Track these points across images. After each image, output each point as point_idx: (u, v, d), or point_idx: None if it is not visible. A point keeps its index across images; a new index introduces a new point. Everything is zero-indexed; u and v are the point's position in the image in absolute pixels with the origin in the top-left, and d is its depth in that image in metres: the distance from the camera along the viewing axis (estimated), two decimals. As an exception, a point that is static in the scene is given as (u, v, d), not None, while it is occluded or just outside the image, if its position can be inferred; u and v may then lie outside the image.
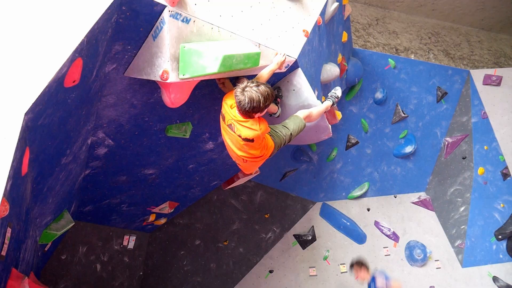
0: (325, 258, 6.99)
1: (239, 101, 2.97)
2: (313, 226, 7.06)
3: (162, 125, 3.76)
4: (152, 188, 4.87)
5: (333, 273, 6.98)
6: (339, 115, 5.64)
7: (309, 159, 6.84)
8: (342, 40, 5.66)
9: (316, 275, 6.88)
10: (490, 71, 7.74)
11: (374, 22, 9.06)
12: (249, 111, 2.99)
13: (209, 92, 3.61)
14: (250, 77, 3.60)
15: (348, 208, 7.34)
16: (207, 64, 2.75)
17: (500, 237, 7.84)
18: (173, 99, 3.00)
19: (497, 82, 7.67)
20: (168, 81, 2.76)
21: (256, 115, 3.07)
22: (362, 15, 8.83)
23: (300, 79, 3.75)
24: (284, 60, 3.46)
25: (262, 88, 2.99)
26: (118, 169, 4.24)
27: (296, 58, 3.62)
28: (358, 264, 5.46)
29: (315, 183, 7.05)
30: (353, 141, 7.05)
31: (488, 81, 7.65)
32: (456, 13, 9.67)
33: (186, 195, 5.59)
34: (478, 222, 7.69)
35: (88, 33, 2.21)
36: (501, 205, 7.86)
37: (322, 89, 4.76)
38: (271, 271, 6.67)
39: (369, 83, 6.89)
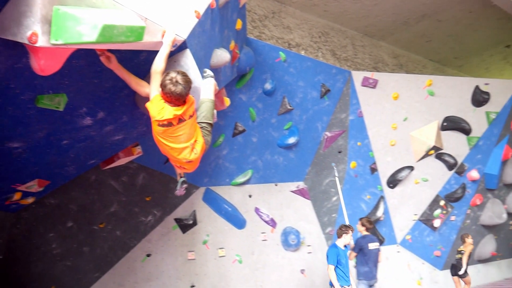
0: (205, 243, 7.05)
1: (179, 92, 3.22)
2: (195, 211, 7.05)
3: (32, 94, 3.39)
4: (17, 164, 4.40)
5: (211, 257, 7.07)
6: (227, 101, 5.69)
7: (196, 144, 6.80)
8: (236, 28, 5.68)
9: (195, 259, 6.91)
10: (368, 74, 8.43)
11: (271, 15, 9.27)
12: (187, 93, 3.31)
13: (88, 64, 3.35)
14: (135, 53, 3.44)
15: (231, 194, 7.47)
16: (85, 31, 2.53)
17: (364, 225, 8.65)
18: (43, 66, 2.72)
19: (373, 84, 8.38)
20: (37, 45, 2.49)
21: (187, 98, 3.36)
22: (260, 6, 8.97)
23: (188, 60, 3.67)
24: (174, 39, 3.38)
25: (180, 72, 3.28)
26: (-25, 139, 3.76)
27: (185, 38, 3.53)
28: None
29: (200, 168, 6.94)
30: (240, 128, 7.17)
31: (366, 83, 8.32)
32: (345, 17, 10.33)
33: (59, 173, 5.17)
34: (347, 211, 8.37)
35: None
36: (368, 196, 8.68)
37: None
38: (148, 255, 6.53)
39: (260, 73, 7.05)
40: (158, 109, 3.29)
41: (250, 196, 7.67)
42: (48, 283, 5.71)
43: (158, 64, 3.29)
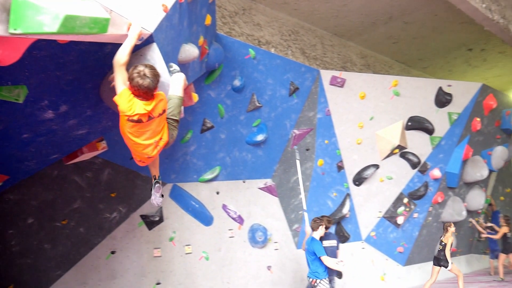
0: (171, 239, 6.99)
1: (147, 86, 3.23)
2: (161, 207, 6.97)
3: (-11, 85, 3.28)
4: (-26, 157, 4.24)
5: (178, 254, 7.02)
6: (195, 97, 5.63)
7: (163, 139, 6.72)
8: (205, 23, 5.63)
9: (161, 256, 6.84)
10: (337, 73, 8.54)
11: (241, 12, 9.25)
12: (155, 86, 3.31)
13: (49, 55, 3.25)
14: (100, 46, 3.36)
15: (198, 190, 7.43)
16: (45, 21, 2.46)
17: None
18: (1, 56, 2.61)
19: (341, 84, 8.51)
20: (-7, 34, 2.40)
21: (155, 91, 3.37)
22: (230, 3, 8.94)
23: (155, 55, 3.61)
24: (140, 32, 3.32)
25: (147, 65, 3.30)
26: None
27: (151, 32, 3.48)
28: None
29: (167, 164, 6.97)
30: (208, 125, 7.14)
31: (334, 82, 8.44)
32: (315, 16, 10.43)
33: (19, 167, 5.01)
34: (314, 208, 8.48)
35: None
36: (334, 194, 8.81)
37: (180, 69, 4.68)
38: (113, 252, 6.42)
39: (229, 70, 7.03)
40: (128, 104, 3.28)
41: (217, 193, 7.66)
42: (6, 281, 5.53)
43: (121, 56, 3.23)
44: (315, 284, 6.07)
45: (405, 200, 9.62)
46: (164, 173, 6.95)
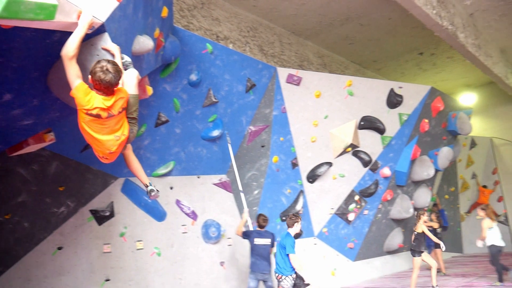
0: (122, 235, 6.84)
1: (109, 81, 3.22)
2: (112, 202, 6.81)
3: None
4: None
5: (128, 250, 6.87)
6: (149, 90, 5.54)
7: (116, 133, 6.56)
8: (162, 15, 5.53)
9: (111, 252, 6.67)
10: (293, 71, 8.64)
11: (200, 5, 9.16)
12: (117, 82, 3.31)
13: (-7, 40, 3.10)
14: (48, 33, 3.22)
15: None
16: (-13, 5, 2.34)
17: (284, 218, 8.89)
18: None
19: (297, 82, 8.62)
20: None
21: (116, 88, 3.37)
22: (188, -4, 8.83)
23: (106, 45, 3.52)
24: (91, 21, 3.23)
25: (110, 61, 3.28)
26: None
27: (103, 21, 3.38)
28: None
29: (119, 158, 6.76)
30: (163, 119, 7.02)
31: (290, 80, 8.53)
32: (274, 13, 10.50)
33: (-42, 158, 4.74)
34: (268, 204, 8.57)
35: None
36: (288, 190, 8.93)
37: (133, 61, 4.57)
38: (60, 248, 6.19)
39: (186, 64, 6.94)
40: (86, 97, 3.25)
41: (171, 188, 7.56)
42: None
43: (70, 48, 3.14)
44: (281, 279, 6.17)
45: (356, 198, 9.90)
46: (116, 167, 6.78)
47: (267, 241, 6.83)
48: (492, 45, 12.77)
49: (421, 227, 8.27)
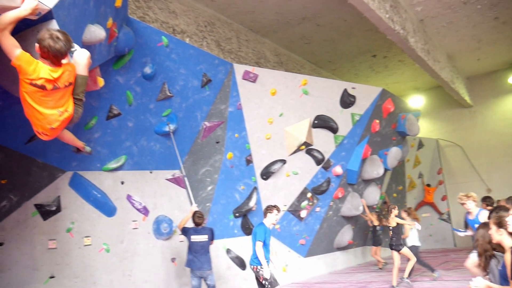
0: (69, 230, 6.60)
1: (59, 49, 3.13)
2: (59, 196, 6.55)
3: None
4: None
5: (75, 246, 6.65)
6: (101, 81, 5.39)
7: (64, 125, 6.31)
8: (116, 5, 5.38)
9: (56, 248, 6.42)
10: (250, 68, 8.66)
11: (157, -3, 8.99)
12: (66, 52, 3.23)
13: None
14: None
15: (101, 180, 7.10)
16: None
17: (237, 214, 8.93)
18: None
19: (254, 79, 8.65)
20: None
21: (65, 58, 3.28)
22: (145, -14, 8.64)
23: (53, 33, 3.37)
24: (37, 6, 3.08)
25: (60, 30, 3.20)
26: None
27: (51, 7, 3.24)
28: None
29: (68, 151, 6.51)
30: (115, 112, 6.83)
31: (246, 76, 8.55)
32: (232, 9, 10.47)
33: None
34: (221, 200, 8.56)
35: None
36: (242, 187, 8.95)
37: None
38: (1, 244, 5.89)
39: (140, 56, 6.80)
40: (31, 66, 3.11)
41: (122, 182, 7.37)
42: None
43: (2, 20, 2.95)
44: (257, 270, 6.11)
45: (309, 195, 10.08)
46: (64, 160, 6.55)
47: (203, 237, 6.77)
48: (440, 50, 13.39)
49: (394, 220, 8.47)
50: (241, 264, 8.85)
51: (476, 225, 5.86)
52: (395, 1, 9.73)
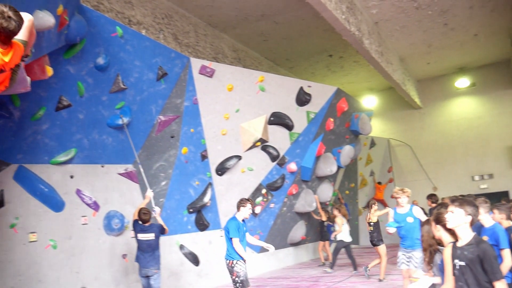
0: (13, 226, 6.30)
1: (12, 29, 2.91)
2: (3, 190, 6.24)
3: None
4: None
5: (20, 242, 6.36)
6: (49, 70, 5.18)
7: (9, 115, 6.02)
8: (67, -8, 5.17)
9: (-1, 245, 6.13)
10: (207, 63, 8.59)
11: (112, -14, 8.71)
12: (19, 30, 3.00)
13: None
14: None
15: (49, 173, 6.82)
16: None
17: (191, 210, 8.85)
18: None
19: (210, 74, 8.59)
20: None
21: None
22: (99, -26, 8.35)
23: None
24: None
25: (10, 7, 2.94)
26: None
27: (-8, -10, 3.07)
28: None
29: (13, 143, 6.26)
30: (65, 103, 6.58)
31: (203, 71, 8.48)
32: (190, 2, 10.33)
33: None
34: (175, 196, 8.46)
35: None
36: (196, 182, 8.88)
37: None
38: None
39: (93, 46, 6.57)
40: None
41: (71, 176, 7.11)
42: None
43: None
44: (232, 265, 5.93)
45: (264, 191, 10.15)
46: (8, 152, 6.26)
47: (150, 235, 6.46)
48: (393, 53, 13.84)
49: (375, 215, 8.58)
50: (194, 260, 8.80)
51: (409, 219, 6.14)
52: (351, 2, 9.95)
